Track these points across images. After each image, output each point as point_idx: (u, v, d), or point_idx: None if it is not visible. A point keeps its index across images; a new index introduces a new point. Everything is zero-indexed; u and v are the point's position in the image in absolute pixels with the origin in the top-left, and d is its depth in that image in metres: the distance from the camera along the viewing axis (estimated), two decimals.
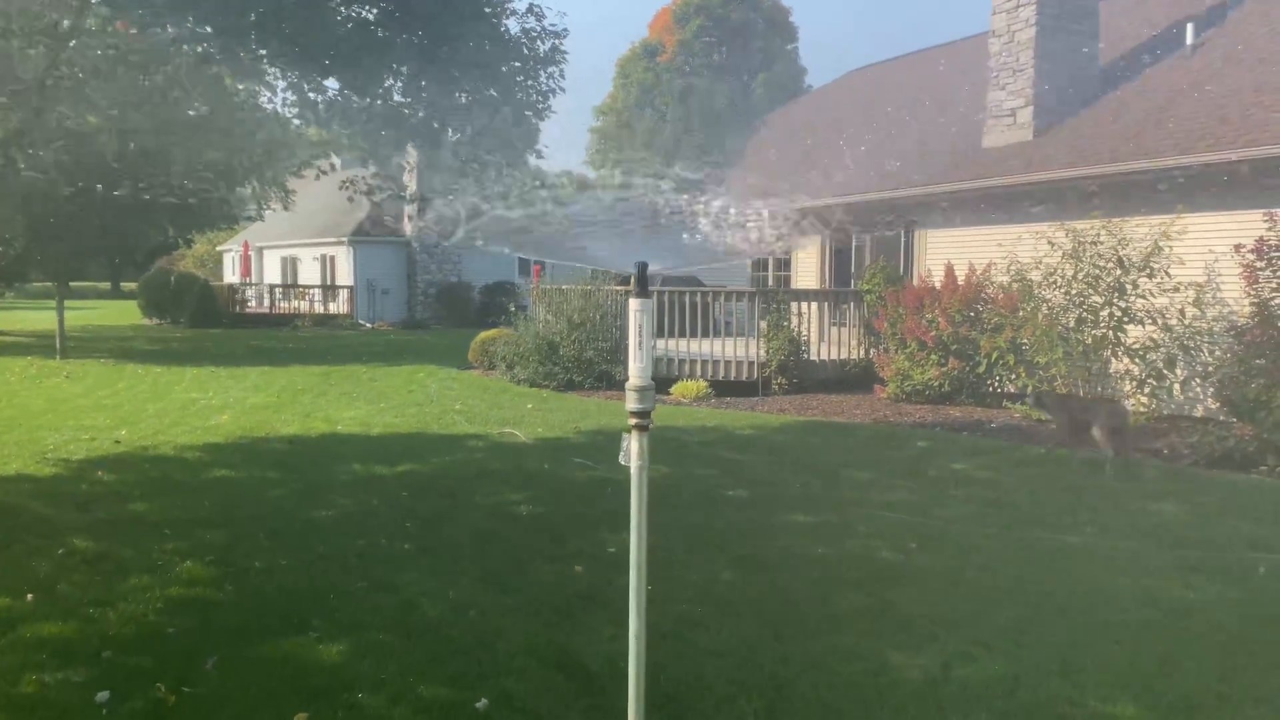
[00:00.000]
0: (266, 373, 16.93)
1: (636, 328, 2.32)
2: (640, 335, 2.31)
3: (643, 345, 2.30)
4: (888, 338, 13.63)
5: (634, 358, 2.34)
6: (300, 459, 9.20)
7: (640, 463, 2.47)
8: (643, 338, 2.30)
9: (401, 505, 7.32)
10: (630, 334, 2.38)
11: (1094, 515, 7.07)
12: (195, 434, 10.47)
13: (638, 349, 2.32)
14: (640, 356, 2.34)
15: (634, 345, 2.33)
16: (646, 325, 2.29)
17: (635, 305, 2.31)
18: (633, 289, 2.33)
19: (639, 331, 2.31)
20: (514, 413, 12.10)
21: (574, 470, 8.62)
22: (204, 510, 7.15)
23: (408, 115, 7.72)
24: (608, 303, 15.32)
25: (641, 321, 2.30)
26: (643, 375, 2.35)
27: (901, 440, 10.35)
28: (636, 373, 2.36)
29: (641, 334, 2.30)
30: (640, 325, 2.31)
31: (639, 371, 2.35)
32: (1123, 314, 10.98)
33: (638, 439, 2.43)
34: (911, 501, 7.50)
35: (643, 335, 2.30)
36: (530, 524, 6.85)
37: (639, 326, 2.31)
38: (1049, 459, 9.20)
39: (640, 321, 2.31)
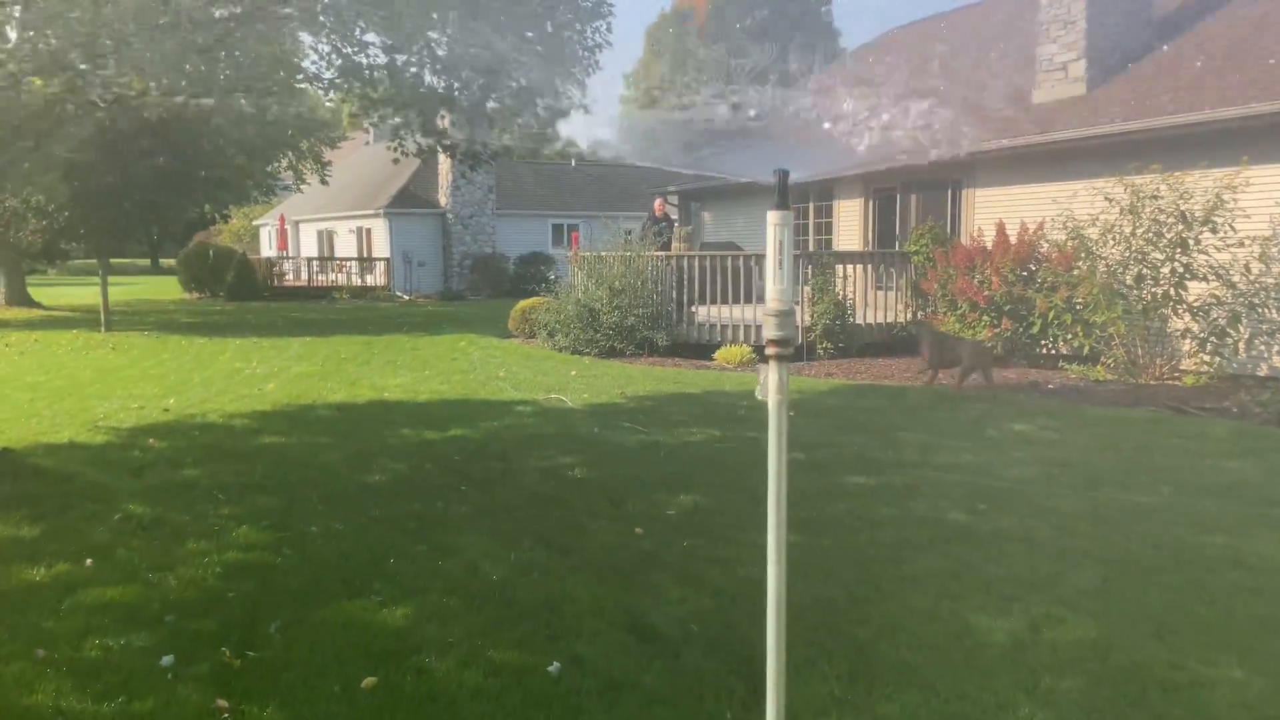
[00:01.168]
0: (309, 343, 16.94)
1: (776, 244, 2.14)
2: (781, 253, 2.12)
3: (784, 264, 2.12)
4: (937, 299, 13.34)
5: (773, 278, 2.16)
6: (349, 425, 9.14)
7: (780, 396, 2.27)
8: (784, 255, 2.12)
9: (455, 469, 7.22)
10: (769, 251, 2.18)
11: (1167, 475, 6.83)
12: (243, 402, 10.45)
13: (778, 268, 2.13)
14: (781, 278, 2.15)
15: (772, 264, 2.15)
16: (787, 241, 2.11)
17: (775, 219, 2.13)
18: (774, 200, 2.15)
19: (779, 249, 2.13)
20: (558, 379, 11.98)
21: (624, 435, 8.48)
22: (256, 476, 7.09)
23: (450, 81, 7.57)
24: (649, 269, 15.12)
25: (782, 237, 2.12)
26: (783, 298, 2.17)
27: (956, 403, 10.11)
28: (776, 295, 2.18)
29: (783, 251, 2.12)
30: (780, 241, 2.12)
31: (779, 294, 2.17)
32: (1185, 270, 10.65)
33: (776, 370, 2.23)
34: (975, 463, 7.29)
35: (784, 253, 2.11)
36: (586, 487, 6.73)
37: (779, 242, 2.13)
38: (1115, 420, 8.94)
39: (780, 237, 2.12)
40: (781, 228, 2.12)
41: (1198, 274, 10.63)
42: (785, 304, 2.17)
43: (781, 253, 2.12)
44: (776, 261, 2.13)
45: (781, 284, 2.14)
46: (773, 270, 2.14)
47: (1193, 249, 10.58)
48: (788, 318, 2.17)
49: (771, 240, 2.12)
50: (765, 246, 2.19)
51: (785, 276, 2.12)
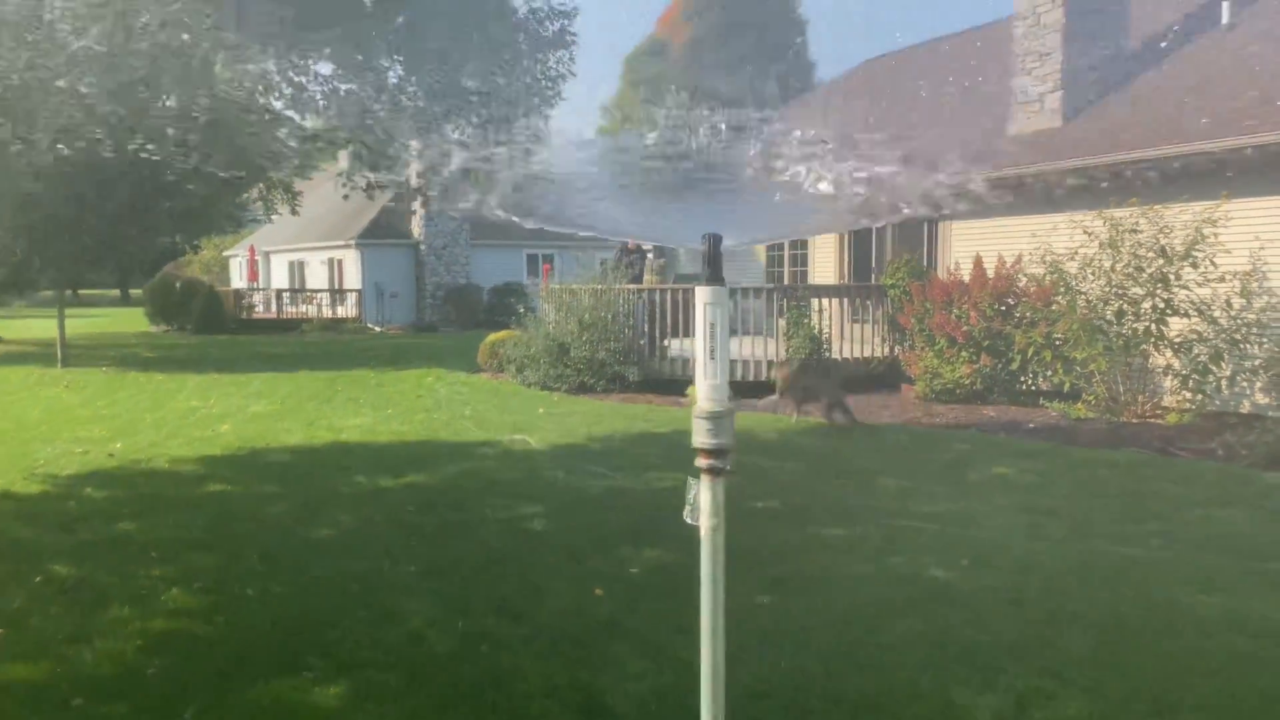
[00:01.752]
0: (271, 379, 16.46)
1: (707, 327, 1.72)
2: (714, 339, 1.72)
3: (716, 353, 1.72)
4: (914, 334, 13.07)
5: (703, 371, 1.75)
6: (301, 471, 8.71)
7: (714, 521, 1.83)
8: (716, 342, 1.72)
9: (407, 521, 6.82)
10: (698, 337, 1.77)
11: (1157, 524, 6.52)
12: (193, 445, 9.99)
13: (709, 358, 1.73)
14: (713, 370, 1.75)
15: (703, 353, 1.74)
16: (721, 325, 1.71)
17: (705, 296, 1.73)
18: (702, 272, 1.74)
19: (711, 334, 1.71)
20: (525, 417, 11.59)
21: (590, 480, 8.10)
22: (196, 530, 6.66)
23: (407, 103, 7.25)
24: (620, 302, 14.80)
25: (714, 319, 1.71)
26: (717, 396, 1.77)
27: (936, 443, 9.80)
28: (708, 392, 1.78)
29: (715, 337, 1.71)
30: (713, 324, 1.72)
31: (712, 392, 1.77)
32: (1165, 305, 10.42)
33: (710, 488, 1.80)
34: (957, 511, 6.96)
35: (717, 339, 1.71)
36: (545, 541, 6.35)
37: (711, 325, 1.71)
38: (1099, 462, 8.65)
39: (712, 319, 1.72)
40: (713, 308, 1.74)
41: (1179, 309, 10.41)
42: (719, 403, 1.79)
43: (714, 338, 1.74)
44: (707, 350, 1.75)
45: (714, 378, 1.76)
46: (703, 360, 1.76)
47: (1173, 284, 10.36)
48: (722, 421, 1.79)
49: (701, 323, 1.75)
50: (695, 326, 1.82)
51: (719, 369, 1.74)
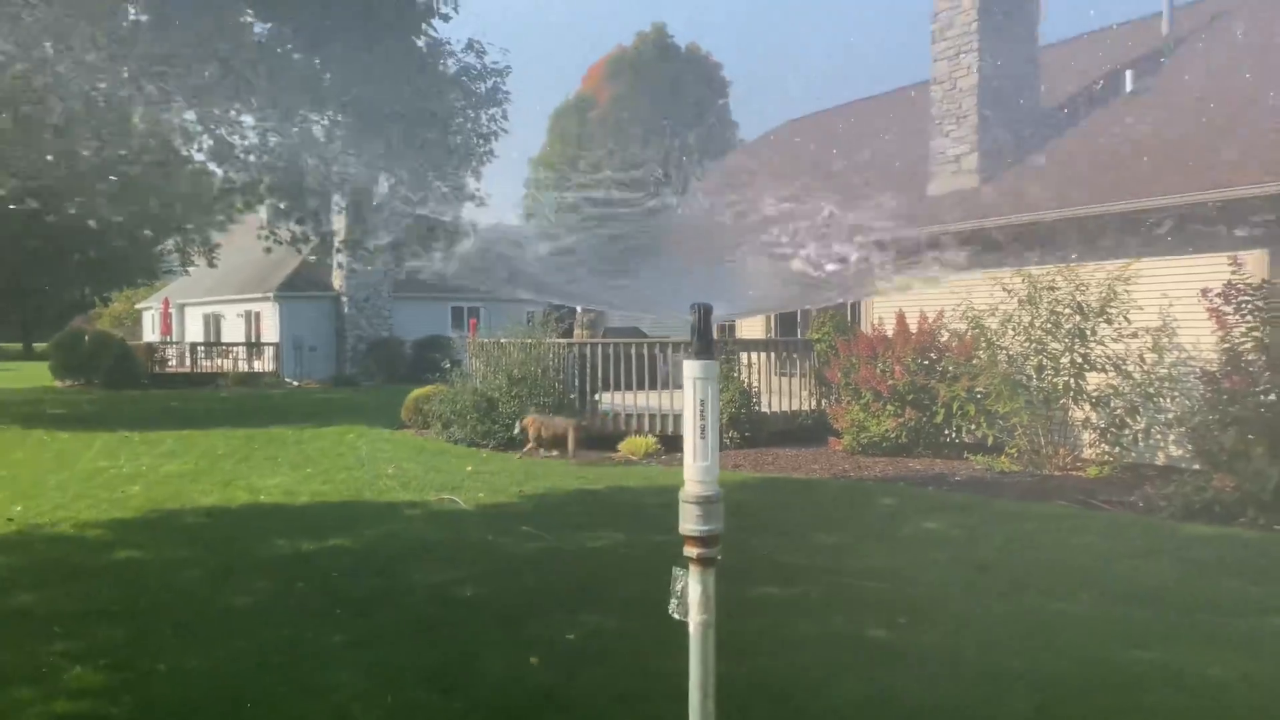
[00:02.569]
0: (185, 437, 15.86)
1: (697, 404, 1.61)
2: (704, 417, 1.60)
3: (707, 432, 1.61)
4: (841, 388, 13.20)
5: (693, 451, 1.63)
6: (217, 535, 8.33)
7: (705, 617, 1.67)
8: (708, 420, 1.60)
9: (331, 587, 6.54)
10: (686, 415, 1.66)
11: (1086, 578, 6.59)
12: (101, 508, 9.51)
13: (699, 438, 1.62)
14: (704, 450, 1.63)
15: (692, 432, 1.63)
16: (712, 401, 1.60)
17: (694, 371, 1.62)
18: (691, 345, 1.63)
19: (701, 411, 1.60)
20: (452, 476, 11.33)
21: (521, 541, 7.90)
22: (102, 600, 6.28)
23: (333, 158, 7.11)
24: (550, 356, 14.67)
25: (705, 395, 1.60)
26: (707, 478, 1.64)
27: (866, 497, 9.84)
28: (697, 474, 1.65)
29: (706, 415, 1.60)
30: (703, 401, 1.60)
31: (701, 474, 1.65)
32: (1083, 360, 10.71)
33: (700, 579, 1.66)
34: (891, 568, 6.94)
35: (708, 417, 1.60)
36: (476, 607, 6.13)
37: (701, 403, 1.60)
38: (1026, 515, 8.76)
39: (703, 395, 1.60)
40: (704, 383, 1.64)
41: (1096, 365, 10.71)
42: (709, 487, 1.68)
43: (704, 416, 1.63)
44: (697, 428, 1.65)
45: (705, 459, 1.66)
46: (692, 440, 1.66)
47: (1090, 340, 10.66)
48: (714, 506, 1.67)
49: (690, 400, 1.65)
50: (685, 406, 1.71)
51: (710, 449, 1.64)
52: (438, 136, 7.42)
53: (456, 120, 7.73)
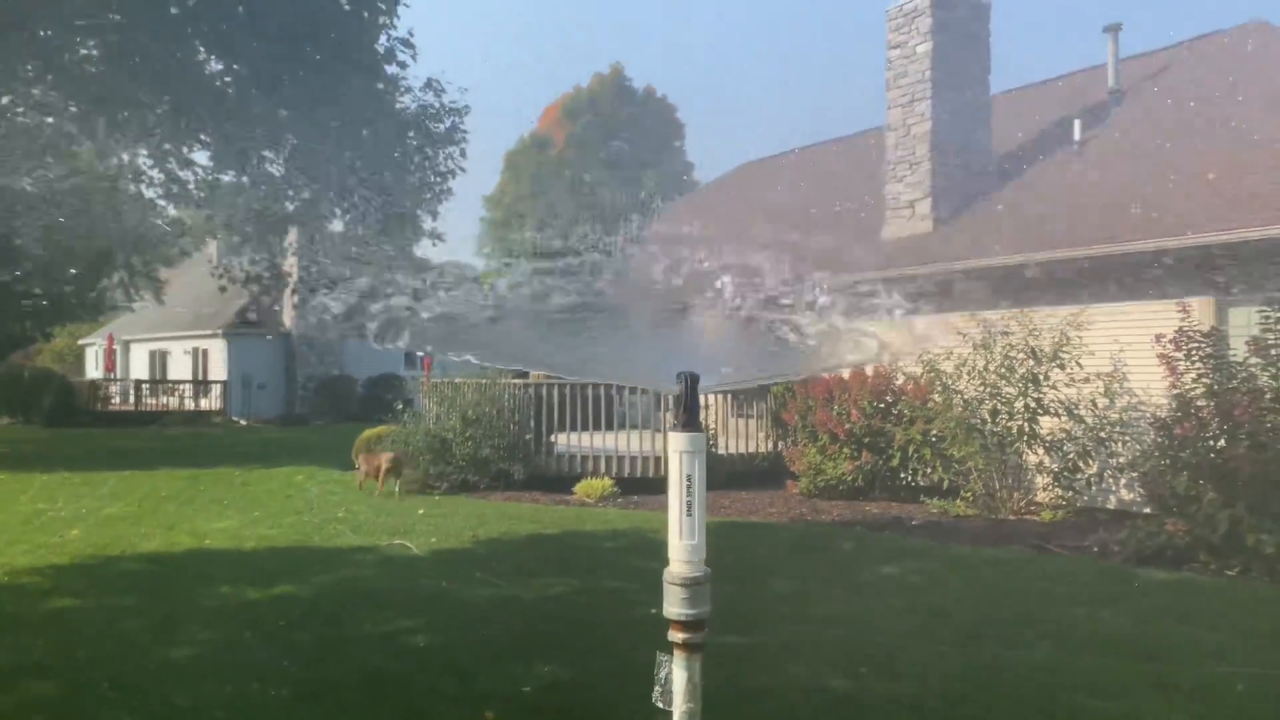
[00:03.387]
0: (127, 478, 15.42)
1: (683, 479, 1.51)
2: (690, 493, 1.51)
3: (695, 508, 1.52)
4: (798, 430, 13.20)
5: (678, 529, 1.54)
6: (159, 582, 8.05)
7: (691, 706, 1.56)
8: (695, 496, 1.51)
9: (278, 638, 6.32)
10: (671, 489, 1.56)
11: (1045, 626, 6.57)
12: (38, 553, 9.16)
13: (685, 514, 1.52)
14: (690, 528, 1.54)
15: (677, 508, 1.53)
16: (699, 476, 1.51)
17: (680, 444, 1.54)
18: (676, 416, 1.55)
19: (688, 487, 1.51)
20: (404, 520, 11.10)
21: (475, 588, 7.73)
22: (36, 653, 6.01)
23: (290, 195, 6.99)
24: (504, 397, 14.52)
25: (691, 470, 1.51)
26: (694, 558, 1.55)
27: (824, 541, 9.80)
28: (684, 554, 1.56)
29: (693, 490, 1.51)
30: (689, 476, 1.51)
31: (688, 553, 1.55)
32: (1037, 405, 10.82)
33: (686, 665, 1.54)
34: (851, 615, 6.89)
35: (695, 493, 1.51)
36: (429, 657, 5.96)
37: (687, 478, 1.51)
38: (983, 560, 8.77)
39: (689, 470, 1.51)
40: (691, 456, 1.56)
41: (1049, 409, 10.82)
42: (696, 568, 1.60)
43: (691, 492, 1.55)
44: (683, 505, 1.56)
45: (692, 538, 1.57)
46: (678, 517, 1.57)
47: (1043, 384, 10.78)
48: (701, 588, 1.58)
49: (676, 475, 1.57)
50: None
51: (697, 527, 1.56)
52: (395, 176, 7.34)
53: (414, 159, 7.67)
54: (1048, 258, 11.46)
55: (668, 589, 1.66)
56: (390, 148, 7.22)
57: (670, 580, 1.65)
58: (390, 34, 6.78)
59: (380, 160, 7.09)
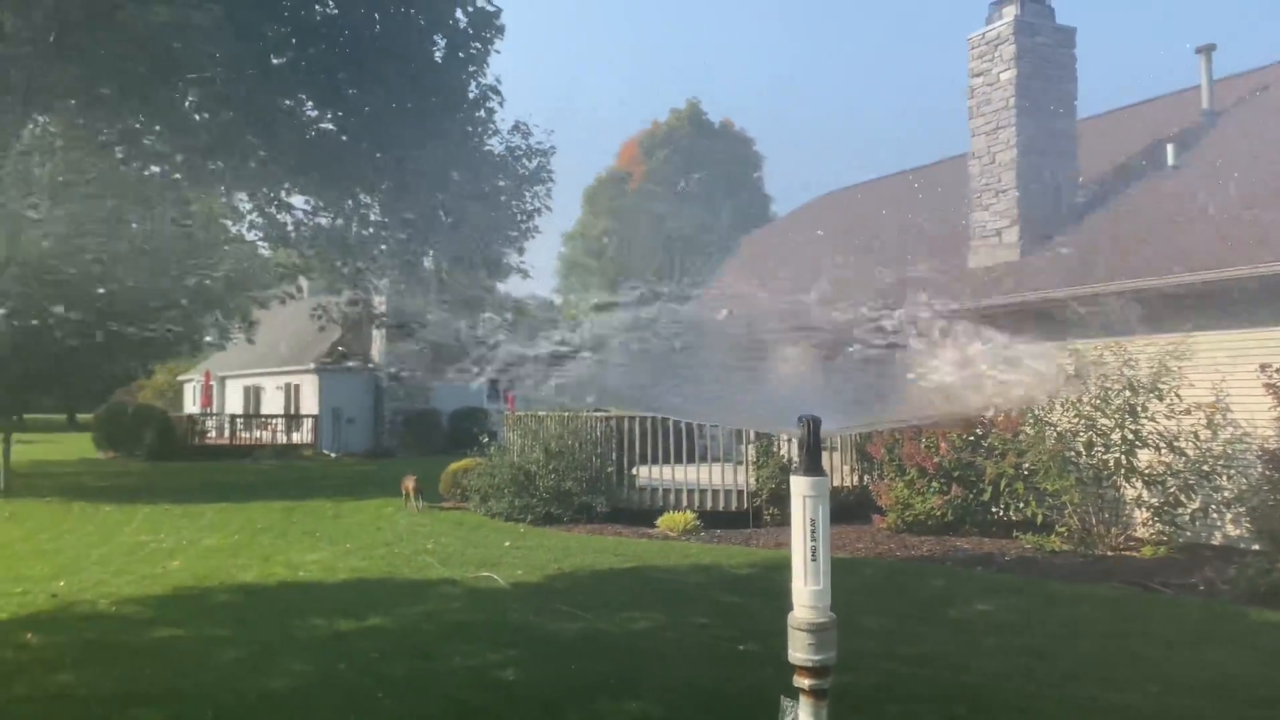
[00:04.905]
0: (224, 510, 15.90)
1: (807, 524, 1.52)
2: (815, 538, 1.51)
3: (819, 553, 1.51)
4: (884, 464, 12.98)
5: (803, 574, 1.54)
6: (256, 613, 8.27)
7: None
8: (819, 541, 1.51)
9: (370, 669, 6.43)
10: (795, 535, 1.56)
11: (1150, 668, 6.32)
12: (141, 584, 9.50)
13: (810, 559, 1.52)
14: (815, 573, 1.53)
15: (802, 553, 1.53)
16: (823, 520, 1.51)
17: (803, 488, 1.54)
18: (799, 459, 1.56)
19: (812, 531, 1.51)
20: (490, 552, 11.22)
21: (562, 622, 7.75)
22: (142, 681, 6.22)
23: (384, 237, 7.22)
24: (586, 429, 14.62)
25: (815, 514, 1.52)
26: (819, 603, 1.54)
27: (913, 578, 9.60)
28: (809, 599, 1.56)
29: (817, 535, 1.51)
30: (814, 521, 1.52)
31: (813, 598, 1.55)
32: (1134, 437, 10.47)
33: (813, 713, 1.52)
34: (943, 654, 6.72)
35: (819, 537, 1.51)
36: (517, 692, 5.99)
37: (811, 522, 1.51)
38: (1081, 598, 8.49)
39: (813, 515, 1.52)
40: (815, 501, 1.56)
41: (1147, 441, 10.46)
42: (822, 613, 1.58)
43: (815, 536, 1.55)
44: (807, 550, 1.56)
45: (817, 583, 1.56)
46: (802, 562, 1.57)
47: (1141, 416, 10.43)
48: (827, 634, 1.57)
49: (800, 518, 1.57)
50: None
51: (822, 572, 1.55)
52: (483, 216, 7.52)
53: (501, 198, 7.85)
54: (1142, 285, 11.13)
55: (793, 634, 1.65)
56: (478, 189, 7.40)
57: (796, 625, 1.64)
58: (480, 81, 6.99)
59: (469, 201, 7.27)
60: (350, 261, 7.60)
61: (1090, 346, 10.90)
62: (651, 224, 50.57)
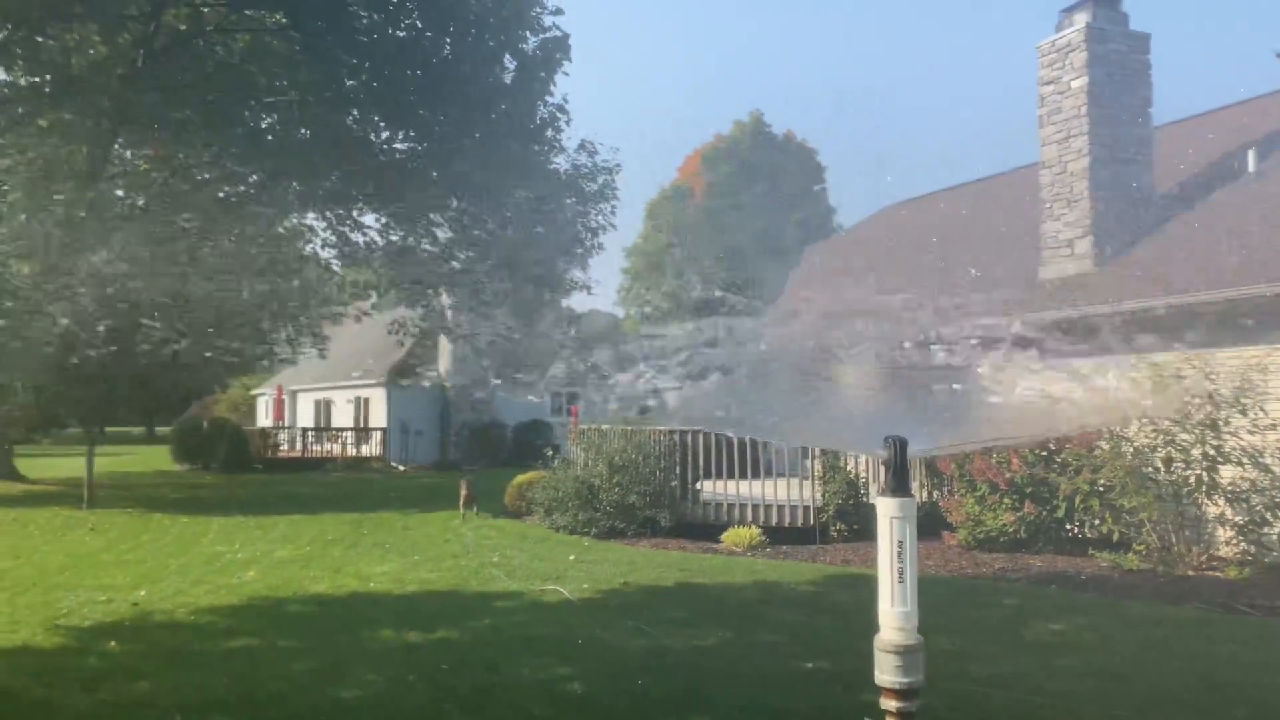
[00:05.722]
0: (296, 522, 16.23)
1: (894, 545, 1.52)
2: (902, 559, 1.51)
3: (906, 575, 1.51)
4: (954, 479, 12.76)
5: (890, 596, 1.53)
6: (328, 624, 8.42)
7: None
8: (906, 562, 1.51)
9: (440, 682, 6.50)
10: (882, 556, 1.56)
11: (1236, 693, 6.11)
12: (218, 594, 9.74)
13: (897, 581, 1.52)
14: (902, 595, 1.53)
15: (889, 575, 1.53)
16: (911, 542, 1.51)
17: (890, 509, 1.54)
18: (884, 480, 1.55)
19: (899, 553, 1.51)
20: (555, 565, 11.27)
21: (627, 637, 7.76)
22: (219, 689, 6.37)
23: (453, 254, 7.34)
24: (650, 443, 14.62)
25: (903, 535, 1.51)
26: (907, 625, 1.54)
27: (985, 596, 9.41)
28: (896, 620, 1.55)
29: (904, 557, 1.51)
30: (900, 542, 1.52)
31: (900, 620, 1.54)
32: (1216, 453, 10.15)
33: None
34: (1018, 674, 6.57)
35: (906, 559, 1.51)
36: (586, 706, 6.00)
37: (899, 543, 1.51)
38: (1161, 619, 8.24)
39: (900, 535, 1.52)
40: (902, 522, 1.55)
41: (1230, 458, 10.13)
42: (910, 635, 1.57)
43: (902, 558, 1.54)
44: (894, 571, 1.56)
45: (904, 604, 1.56)
46: (890, 583, 1.56)
47: (1223, 431, 10.11)
48: (915, 656, 1.56)
49: (887, 540, 1.56)
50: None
51: (909, 594, 1.54)
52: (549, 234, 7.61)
53: (567, 216, 7.94)
54: (1222, 296, 10.80)
55: (880, 656, 1.63)
56: (545, 207, 7.49)
57: (883, 648, 1.63)
58: (547, 101, 7.09)
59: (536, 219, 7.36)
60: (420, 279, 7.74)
61: (1170, 358, 10.59)
62: (714, 237, 50.49)
